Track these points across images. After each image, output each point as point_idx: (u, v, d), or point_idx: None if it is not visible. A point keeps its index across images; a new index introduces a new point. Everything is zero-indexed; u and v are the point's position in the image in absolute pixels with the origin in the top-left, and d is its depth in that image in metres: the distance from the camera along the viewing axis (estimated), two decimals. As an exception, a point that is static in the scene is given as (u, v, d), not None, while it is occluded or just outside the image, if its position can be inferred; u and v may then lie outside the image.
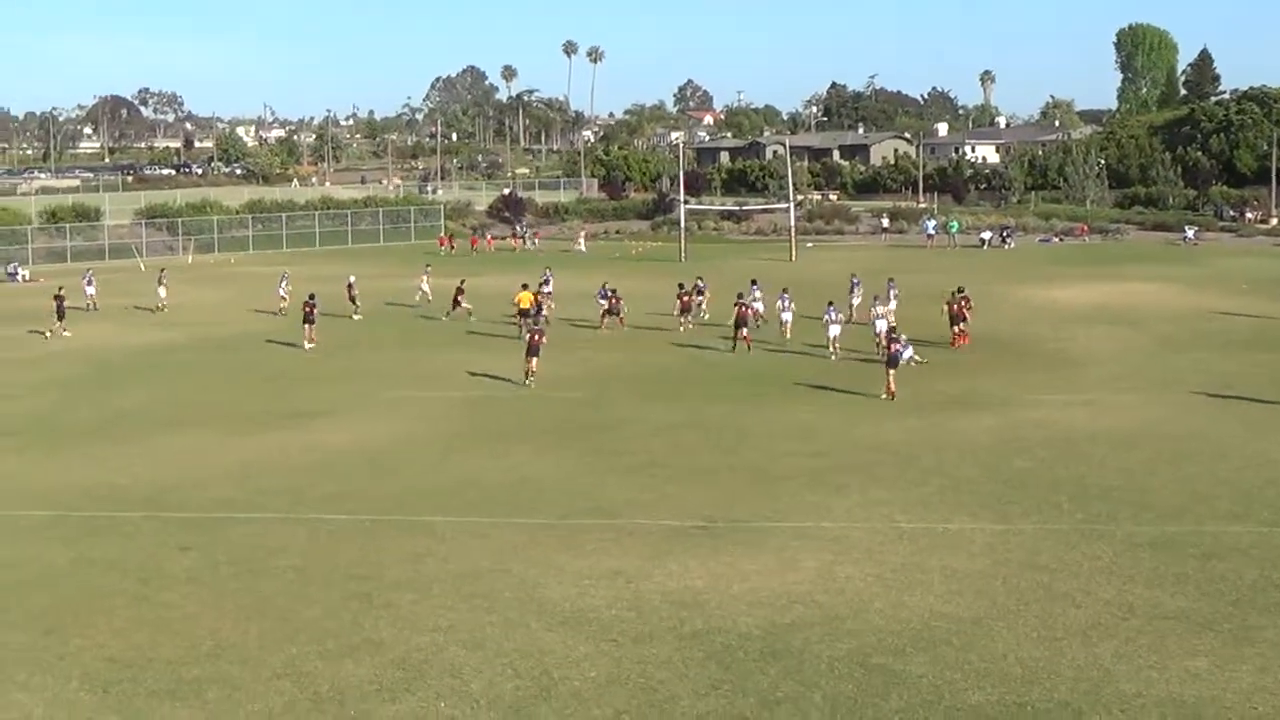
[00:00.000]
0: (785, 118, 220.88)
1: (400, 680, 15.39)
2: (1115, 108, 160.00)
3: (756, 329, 40.65)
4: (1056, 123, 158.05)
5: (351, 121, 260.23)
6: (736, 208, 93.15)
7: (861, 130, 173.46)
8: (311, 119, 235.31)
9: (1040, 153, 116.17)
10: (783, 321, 40.85)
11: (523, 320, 41.78)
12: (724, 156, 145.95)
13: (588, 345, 40.53)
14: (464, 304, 45.99)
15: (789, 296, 41.39)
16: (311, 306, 41.93)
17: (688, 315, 43.22)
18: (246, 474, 25.37)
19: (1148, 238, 79.40)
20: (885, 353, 30.95)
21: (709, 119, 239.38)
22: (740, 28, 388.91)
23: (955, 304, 39.35)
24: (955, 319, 38.95)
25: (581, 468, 25.43)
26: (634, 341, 41.49)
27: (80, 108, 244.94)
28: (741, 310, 39.27)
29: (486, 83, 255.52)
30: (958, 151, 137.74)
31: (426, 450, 27.15)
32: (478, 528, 21.39)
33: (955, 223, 78.87)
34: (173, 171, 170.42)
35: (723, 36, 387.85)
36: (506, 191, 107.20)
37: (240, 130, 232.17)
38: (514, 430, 28.90)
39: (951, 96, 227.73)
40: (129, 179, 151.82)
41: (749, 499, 22.92)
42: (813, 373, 35.24)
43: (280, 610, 17.76)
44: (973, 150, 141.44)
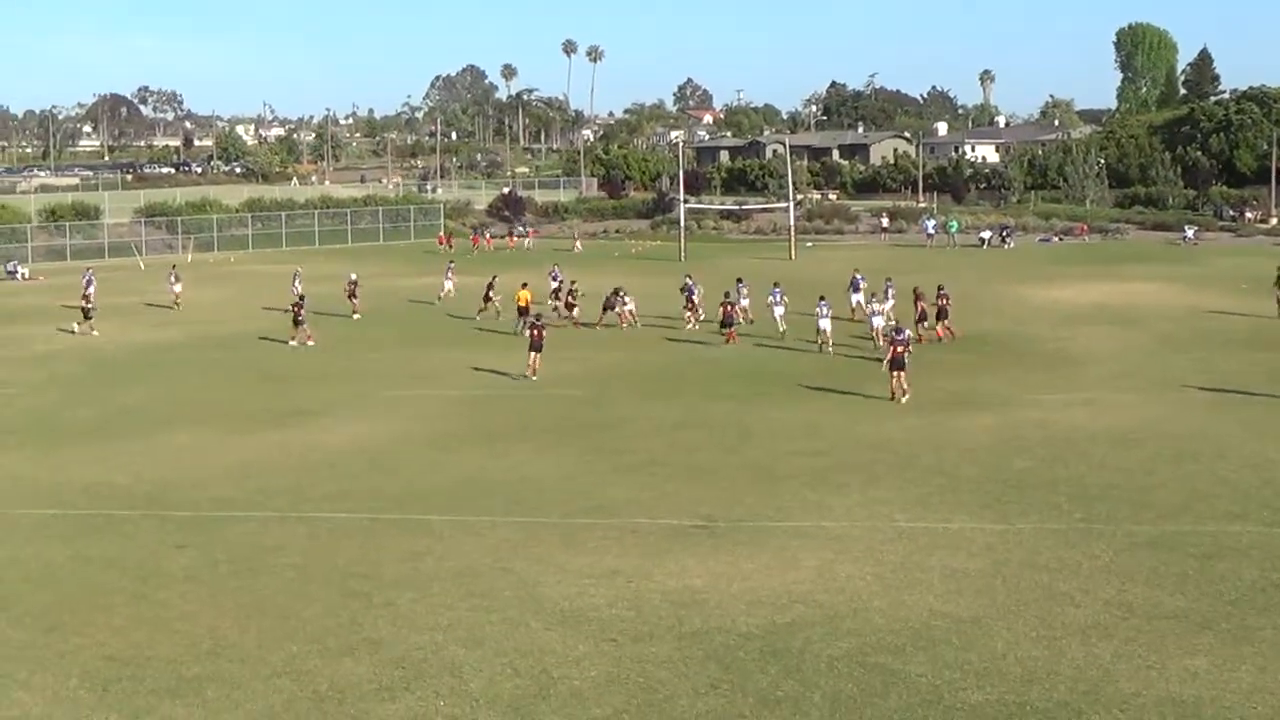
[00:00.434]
0: (785, 117, 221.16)
1: (399, 679, 15.34)
2: (1115, 107, 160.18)
3: (748, 326, 41.11)
4: (1056, 122, 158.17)
5: (351, 120, 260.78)
6: (736, 207, 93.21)
7: (861, 129, 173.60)
8: (311, 118, 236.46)
9: (1040, 152, 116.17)
10: (776, 316, 41.04)
11: (521, 318, 41.93)
12: (724, 156, 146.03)
13: (588, 344, 40.49)
14: (495, 301, 45.81)
15: (780, 291, 41.67)
16: (299, 308, 41.96)
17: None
18: (246, 472, 25.33)
19: (1147, 237, 79.46)
20: (889, 355, 30.81)
21: (709, 118, 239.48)
22: (740, 27, 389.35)
23: (938, 300, 39.87)
24: (941, 314, 39.50)
25: (581, 466, 25.39)
26: (634, 340, 41.51)
27: (80, 106, 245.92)
28: (727, 310, 40.20)
29: (486, 82, 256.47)
30: (957, 151, 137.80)
31: (426, 449, 27.11)
32: (477, 526, 21.35)
33: (955, 222, 78.91)
34: (172, 170, 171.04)
35: (722, 36, 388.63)
36: (506, 191, 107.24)
37: (240, 129, 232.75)
38: (514, 429, 28.87)
39: (951, 96, 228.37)
40: (128, 177, 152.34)
41: (749, 498, 22.88)
42: (813, 371, 35.24)
43: (279, 609, 17.73)
44: (972, 150, 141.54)
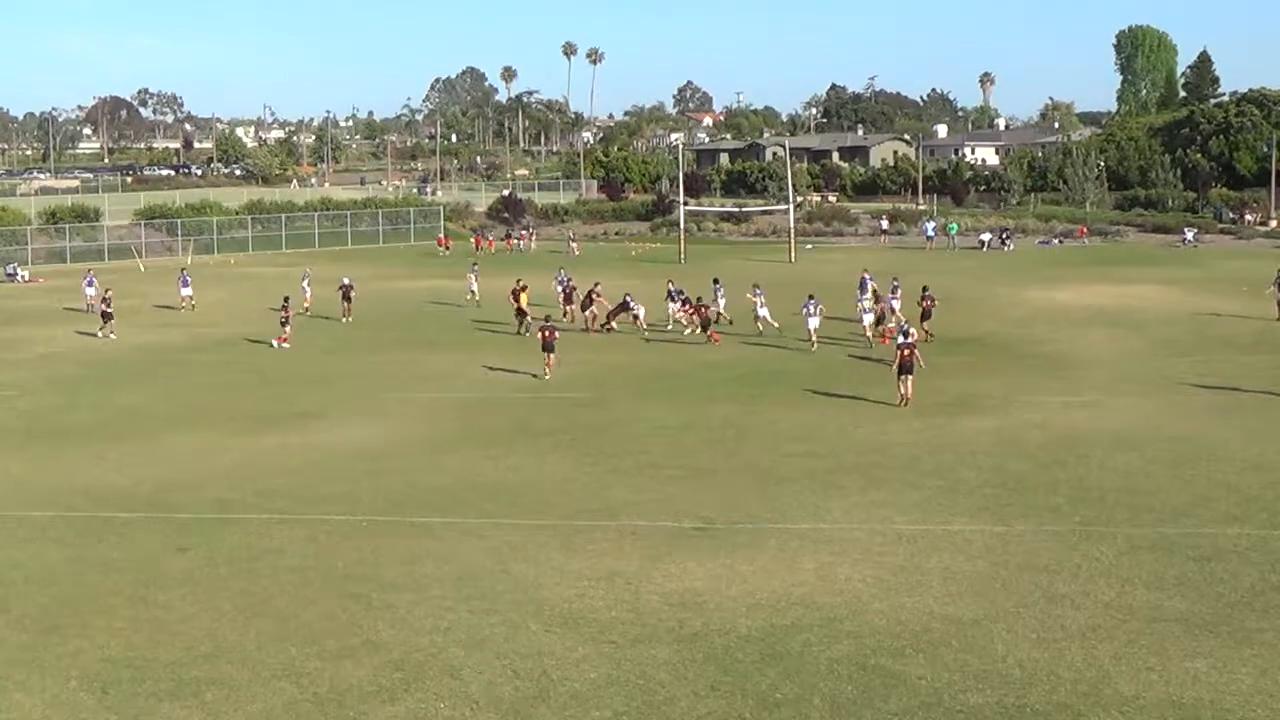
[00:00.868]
0: (785, 119, 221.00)
1: (399, 681, 15.35)
2: (1115, 110, 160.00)
3: (725, 325, 42.22)
4: (1056, 124, 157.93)
5: (351, 122, 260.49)
6: (736, 209, 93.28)
7: (861, 132, 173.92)
8: (311, 120, 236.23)
9: (1040, 154, 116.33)
10: (758, 316, 41.77)
11: (520, 319, 42.03)
12: (723, 158, 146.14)
13: (586, 347, 40.44)
14: (525, 306, 44.62)
15: (760, 290, 42.44)
16: (286, 309, 41.92)
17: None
18: (246, 474, 25.32)
19: (1147, 240, 79.48)
20: (898, 359, 30.73)
21: (708, 120, 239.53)
22: (740, 29, 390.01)
23: (922, 301, 40.38)
24: (925, 315, 39.95)
25: (580, 468, 25.37)
26: (633, 341, 41.51)
27: (80, 108, 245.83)
28: (703, 311, 41.53)
29: (486, 84, 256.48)
30: (957, 153, 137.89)
31: (425, 451, 27.07)
32: (477, 529, 21.35)
33: (954, 225, 78.91)
34: (172, 172, 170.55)
35: (722, 38, 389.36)
36: (506, 193, 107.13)
37: (240, 131, 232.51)
38: (513, 431, 28.85)
39: (951, 98, 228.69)
40: (128, 180, 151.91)
41: (748, 500, 22.86)
42: (812, 373, 35.24)
43: (279, 611, 17.72)
44: (972, 152, 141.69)
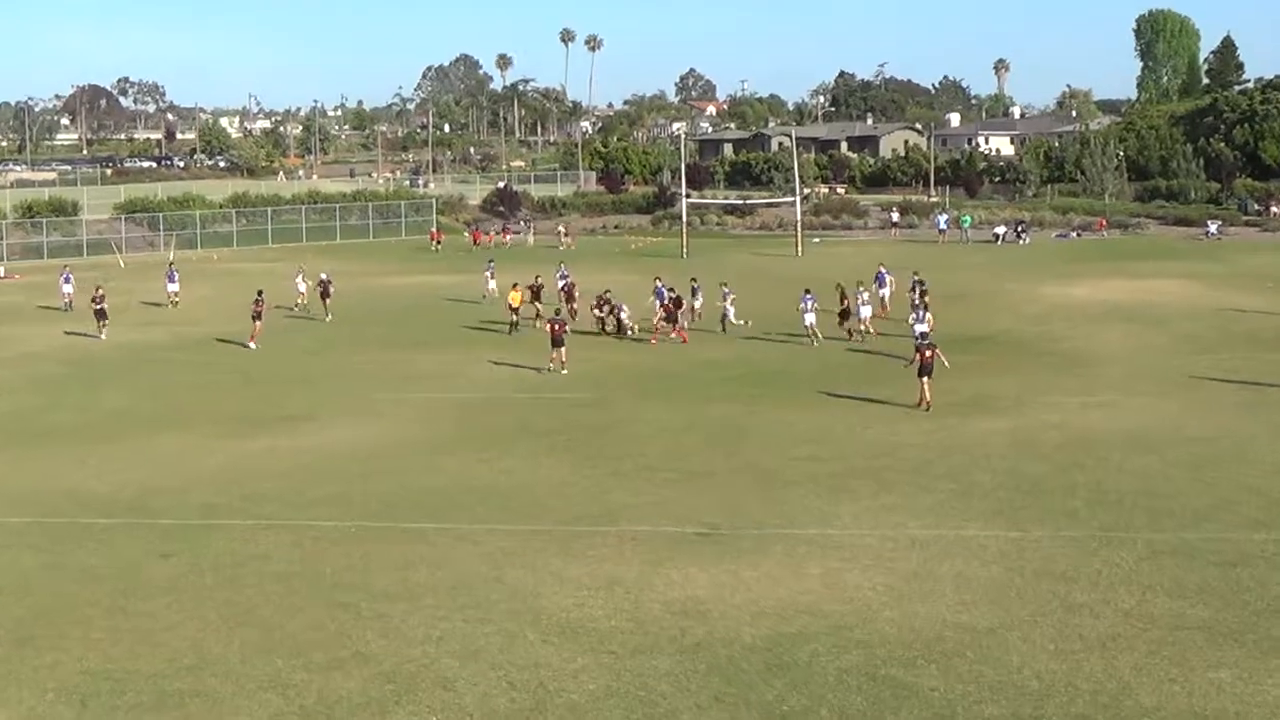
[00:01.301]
0: (791, 108, 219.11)
1: (390, 693, 15.12)
2: (1135, 97, 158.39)
3: (694, 323, 42.57)
4: (1073, 113, 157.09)
5: (340, 112, 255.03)
6: (740, 202, 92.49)
7: (870, 121, 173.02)
8: (298, 109, 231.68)
9: (1056, 144, 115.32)
10: (725, 314, 41.85)
11: (514, 316, 42.06)
12: (727, 148, 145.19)
13: (585, 346, 40.02)
14: (539, 305, 44.24)
15: (729, 290, 42.51)
16: (259, 304, 41.43)
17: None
18: (232, 478, 25.08)
19: (1169, 233, 78.86)
20: (918, 360, 30.16)
21: (711, 109, 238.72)
22: (744, 14, 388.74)
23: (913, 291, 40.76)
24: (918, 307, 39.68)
25: (579, 472, 25.11)
26: (631, 342, 41.17)
27: (57, 98, 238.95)
28: (668, 306, 41.62)
29: (480, 72, 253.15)
30: (970, 143, 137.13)
31: (418, 453, 26.81)
32: (471, 534, 21.08)
33: (968, 217, 78.47)
34: (154, 164, 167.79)
35: (726, 24, 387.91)
36: (501, 185, 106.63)
37: (224, 121, 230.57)
38: (509, 433, 28.60)
39: (964, 85, 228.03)
40: (108, 172, 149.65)
41: (753, 504, 22.57)
42: (815, 372, 34.93)
43: (265, 621, 17.46)
44: (986, 142, 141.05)
